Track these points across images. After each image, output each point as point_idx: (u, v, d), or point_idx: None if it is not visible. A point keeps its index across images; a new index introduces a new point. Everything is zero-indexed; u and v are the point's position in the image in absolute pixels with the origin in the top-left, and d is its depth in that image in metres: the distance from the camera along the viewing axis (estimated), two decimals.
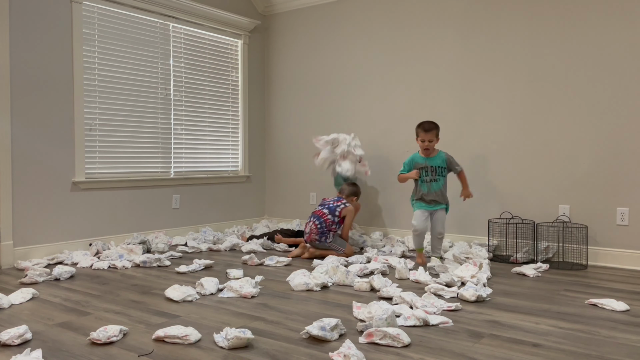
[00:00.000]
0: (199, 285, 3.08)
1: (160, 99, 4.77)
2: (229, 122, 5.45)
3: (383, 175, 4.94)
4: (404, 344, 2.18)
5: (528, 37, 4.16)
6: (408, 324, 2.44)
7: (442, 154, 3.91)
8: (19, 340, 2.23)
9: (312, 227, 4.10)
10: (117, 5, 4.38)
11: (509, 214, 4.22)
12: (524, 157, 4.20)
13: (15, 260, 3.77)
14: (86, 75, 4.20)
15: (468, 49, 4.45)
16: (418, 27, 4.71)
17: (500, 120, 4.31)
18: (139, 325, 2.48)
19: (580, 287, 3.23)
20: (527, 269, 3.59)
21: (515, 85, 4.23)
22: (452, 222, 4.55)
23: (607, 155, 3.87)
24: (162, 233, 4.65)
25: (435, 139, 3.85)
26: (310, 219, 4.18)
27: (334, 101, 5.27)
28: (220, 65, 5.35)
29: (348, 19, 5.15)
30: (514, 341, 2.28)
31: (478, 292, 2.90)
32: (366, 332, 2.24)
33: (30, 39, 3.85)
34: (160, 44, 4.76)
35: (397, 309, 2.57)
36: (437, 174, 3.85)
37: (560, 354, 2.13)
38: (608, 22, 3.83)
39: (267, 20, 5.78)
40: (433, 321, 2.48)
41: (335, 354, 2.00)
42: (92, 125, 4.26)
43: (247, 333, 2.21)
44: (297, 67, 5.53)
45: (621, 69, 3.80)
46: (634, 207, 3.77)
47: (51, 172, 4.00)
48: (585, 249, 3.84)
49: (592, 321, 2.56)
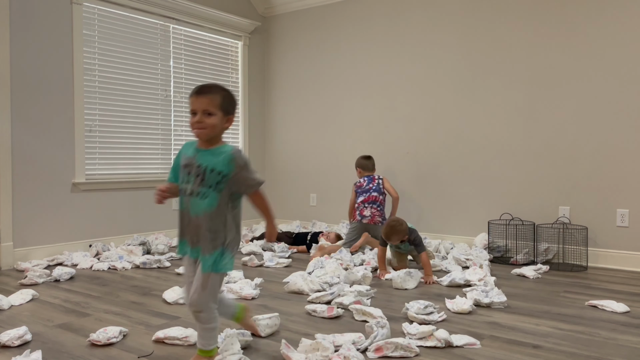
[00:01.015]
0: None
1: (160, 100, 4.78)
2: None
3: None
4: (416, 352, 2.12)
5: (528, 39, 4.16)
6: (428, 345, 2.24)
7: (228, 149, 1.96)
8: (19, 341, 2.23)
9: (374, 212, 4.28)
10: (118, 7, 4.38)
11: (509, 215, 4.22)
12: (524, 159, 4.20)
13: (15, 262, 3.77)
14: (86, 76, 4.20)
15: (468, 50, 4.45)
16: (418, 28, 4.72)
17: (500, 121, 4.31)
18: (139, 327, 2.48)
19: (580, 289, 3.23)
20: (527, 270, 3.58)
21: (515, 87, 4.23)
22: (451, 223, 4.55)
23: (607, 156, 3.87)
24: (162, 234, 4.64)
25: (217, 111, 1.92)
26: (365, 206, 4.29)
27: (333, 102, 5.27)
28: (221, 67, 5.35)
29: (348, 21, 5.15)
30: (514, 343, 2.28)
31: (491, 298, 2.83)
32: (374, 347, 2.15)
33: (30, 40, 3.85)
34: (161, 45, 4.77)
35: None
36: (207, 183, 1.90)
37: (560, 356, 2.13)
38: (608, 24, 3.84)
39: (267, 22, 5.78)
40: (458, 342, 2.25)
41: (335, 356, 2.00)
42: (92, 126, 4.26)
43: (246, 335, 2.21)
44: (297, 68, 5.54)
45: (621, 70, 3.80)
46: (634, 208, 3.77)
47: (51, 173, 4.00)
48: (586, 251, 3.83)
49: (592, 323, 2.56)
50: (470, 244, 4.37)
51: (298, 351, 2.09)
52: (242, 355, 2.00)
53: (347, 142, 5.19)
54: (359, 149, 5.09)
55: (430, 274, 3.37)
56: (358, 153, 5.08)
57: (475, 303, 2.82)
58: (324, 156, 5.36)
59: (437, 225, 4.64)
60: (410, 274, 3.21)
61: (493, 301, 2.81)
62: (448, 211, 4.59)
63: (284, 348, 2.06)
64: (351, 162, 5.15)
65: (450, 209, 4.58)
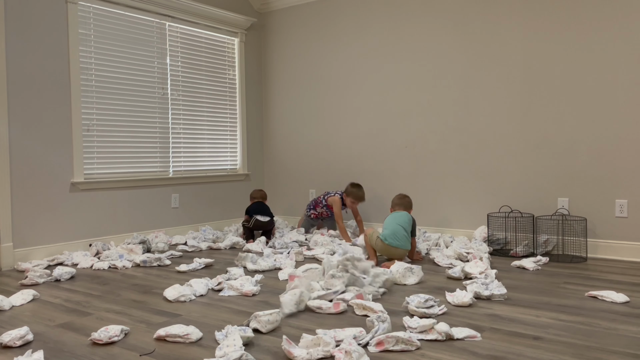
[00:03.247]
0: (187, 285, 3.04)
1: (157, 98, 4.77)
2: (226, 121, 5.45)
3: (380, 173, 4.95)
4: (417, 345, 2.13)
5: (525, 31, 4.15)
6: (429, 338, 2.24)
7: None
8: (21, 341, 2.23)
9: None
10: (113, 5, 4.37)
11: (508, 208, 4.22)
12: (522, 151, 4.21)
13: (15, 262, 3.77)
14: (83, 75, 4.19)
15: (465, 43, 4.44)
16: (415, 22, 4.71)
17: (498, 113, 4.31)
18: (140, 325, 2.49)
19: (580, 280, 3.23)
20: (527, 262, 3.59)
21: (512, 79, 4.23)
22: (451, 217, 4.56)
23: (605, 147, 3.87)
24: (161, 232, 4.65)
25: None
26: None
27: (331, 97, 5.27)
28: (217, 64, 5.34)
29: (344, 16, 5.14)
30: (514, 334, 2.28)
31: (491, 290, 2.85)
32: (375, 341, 2.15)
33: (26, 39, 3.84)
34: (157, 43, 4.76)
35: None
36: None
37: (560, 346, 2.13)
38: (604, 15, 3.83)
39: (263, 18, 5.77)
40: (458, 335, 2.25)
41: (336, 350, 2.01)
42: (89, 125, 4.26)
43: (247, 331, 2.22)
44: (294, 64, 5.53)
45: (618, 61, 3.80)
46: (632, 199, 3.78)
47: (50, 173, 3.99)
48: (585, 242, 3.84)
49: (592, 313, 2.56)
50: (470, 237, 4.37)
51: (299, 346, 2.10)
52: (244, 351, 2.00)
53: (345, 137, 5.18)
54: (356, 144, 5.09)
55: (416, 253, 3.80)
56: (356, 148, 5.09)
57: (475, 296, 2.83)
58: (322, 152, 5.35)
59: (435, 219, 4.65)
60: (411, 269, 3.22)
61: (493, 293, 2.82)
62: (446, 204, 4.60)
63: (285, 344, 2.06)
64: (349, 157, 5.15)
65: (448, 202, 4.59)
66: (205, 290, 3.04)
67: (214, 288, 3.10)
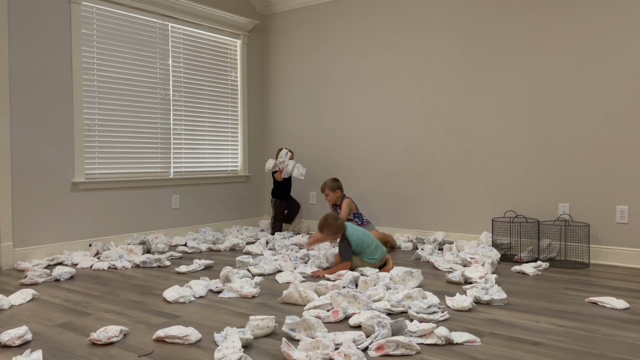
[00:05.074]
0: (187, 287, 3.03)
1: (159, 99, 4.77)
2: (228, 122, 5.45)
3: (381, 174, 4.94)
4: (417, 350, 2.12)
5: (527, 35, 4.15)
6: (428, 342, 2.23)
7: None
8: (20, 341, 2.23)
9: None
10: (116, 6, 4.37)
11: (513, 213, 4.22)
12: (524, 156, 4.20)
13: (15, 261, 3.77)
14: (85, 75, 4.20)
15: (467, 47, 4.45)
16: (417, 25, 4.71)
17: (500, 118, 4.31)
18: (139, 326, 2.48)
19: (580, 285, 3.23)
20: (527, 267, 3.58)
21: (514, 84, 4.23)
22: (453, 222, 4.56)
23: (606, 153, 3.87)
24: (161, 233, 4.64)
25: None
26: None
27: (332, 100, 5.27)
28: (220, 65, 5.35)
29: (347, 18, 5.15)
30: (514, 339, 2.28)
31: (491, 295, 2.84)
32: (375, 345, 2.14)
33: (28, 39, 3.85)
34: (159, 44, 4.76)
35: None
36: None
37: (560, 352, 2.13)
38: (606, 22, 3.83)
39: (266, 20, 5.77)
40: (458, 339, 2.25)
41: (335, 353, 2.00)
42: (91, 125, 4.26)
43: (246, 333, 2.21)
44: (296, 66, 5.53)
45: (621, 67, 3.80)
46: (633, 205, 3.77)
47: (50, 172, 3.99)
48: (587, 247, 3.83)
49: (593, 319, 2.56)
50: (469, 242, 4.36)
51: (299, 349, 2.09)
52: (243, 353, 2.00)
53: (346, 140, 5.18)
54: (358, 147, 5.09)
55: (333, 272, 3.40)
56: (357, 151, 5.09)
57: (475, 300, 2.82)
58: (323, 154, 5.35)
59: (438, 224, 4.64)
60: (411, 273, 3.20)
61: (493, 298, 2.81)
62: (449, 209, 4.59)
63: (285, 346, 2.06)
64: (350, 160, 5.15)
65: (450, 207, 4.58)
66: (205, 291, 3.03)
67: (214, 290, 3.09)
